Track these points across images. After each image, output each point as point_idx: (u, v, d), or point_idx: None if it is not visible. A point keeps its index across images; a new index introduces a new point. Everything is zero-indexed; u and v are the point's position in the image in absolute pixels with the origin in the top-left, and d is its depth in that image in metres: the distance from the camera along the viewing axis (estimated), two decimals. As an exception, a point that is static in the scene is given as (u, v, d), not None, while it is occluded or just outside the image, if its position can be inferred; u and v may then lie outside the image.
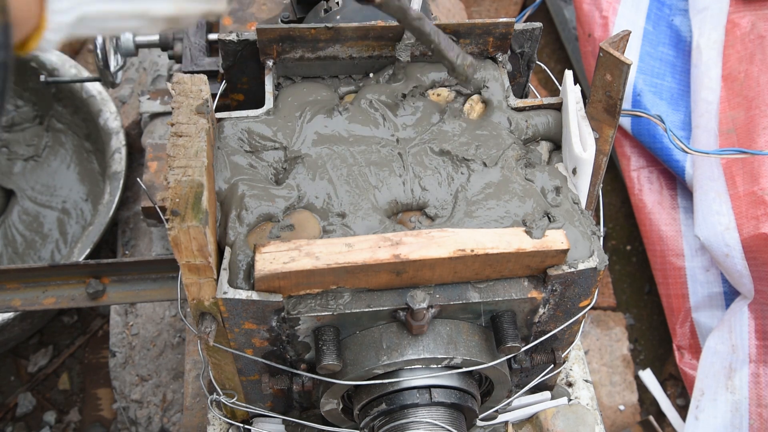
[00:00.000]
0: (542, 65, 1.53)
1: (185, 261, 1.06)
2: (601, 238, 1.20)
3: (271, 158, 1.26)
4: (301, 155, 1.24)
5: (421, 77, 1.35)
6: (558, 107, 1.33)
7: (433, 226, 1.19)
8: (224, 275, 1.11)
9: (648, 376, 2.52)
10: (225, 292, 1.09)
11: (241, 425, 1.42)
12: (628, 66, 1.14)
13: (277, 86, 1.36)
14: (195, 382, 2.02)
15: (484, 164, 1.24)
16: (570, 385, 1.57)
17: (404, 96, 1.32)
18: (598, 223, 1.23)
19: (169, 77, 2.51)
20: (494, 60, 1.39)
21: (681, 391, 2.51)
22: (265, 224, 1.17)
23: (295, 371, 1.23)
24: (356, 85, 1.38)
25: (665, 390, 2.51)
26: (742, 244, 2.10)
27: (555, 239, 1.13)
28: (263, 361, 1.21)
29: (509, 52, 1.39)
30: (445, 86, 1.36)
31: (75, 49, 3.15)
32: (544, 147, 1.33)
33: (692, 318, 2.35)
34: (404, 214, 1.23)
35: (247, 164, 1.24)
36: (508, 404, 1.42)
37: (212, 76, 1.82)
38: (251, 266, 1.10)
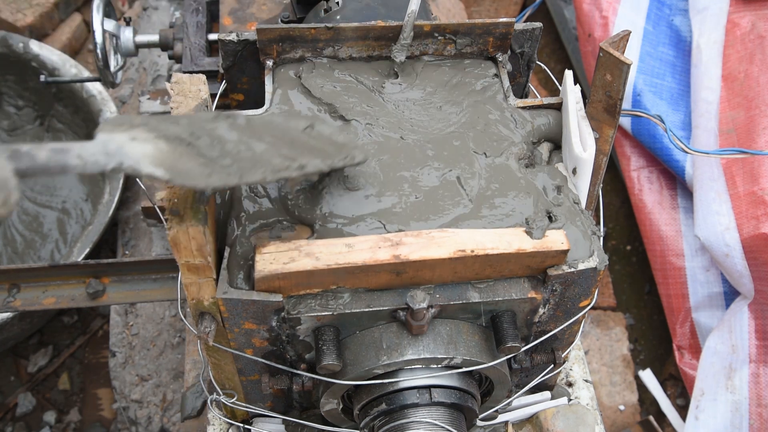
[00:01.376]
0: (542, 65, 1.53)
1: (184, 261, 1.06)
2: (601, 238, 1.20)
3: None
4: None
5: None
6: (558, 107, 1.33)
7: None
8: (224, 275, 1.11)
9: (648, 376, 2.53)
10: (225, 292, 1.09)
11: (241, 425, 1.42)
12: (628, 66, 1.14)
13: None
14: (195, 382, 2.02)
15: (491, 160, 1.24)
16: (570, 385, 1.57)
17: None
18: (598, 223, 1.23)
19: (169, 77, 2.51)
20: (494, 60, 1.39)
21: (681, 391, 2.51)
22: (265, 224, 1.17)
23: (295, 371, 1.23)
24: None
25: (665, 390, 2.51)
26: (742, 244, 2.10)
27: (555, 240, 1.13)
28: (263, 361, 1.21)
29: (509, 52, 1.39)
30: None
31: (75, 48, 3.15)
32: (544, 147, 1.33)
33: (692, 318, 2.36)
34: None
35: (247, 164, 1.24)
36: (508, 404, 1.42)
37: (212, 76, 1.82)
38: (251, 266, 1.10)
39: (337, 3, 1.51)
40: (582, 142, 1.23)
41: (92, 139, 0.86)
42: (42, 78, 2.17)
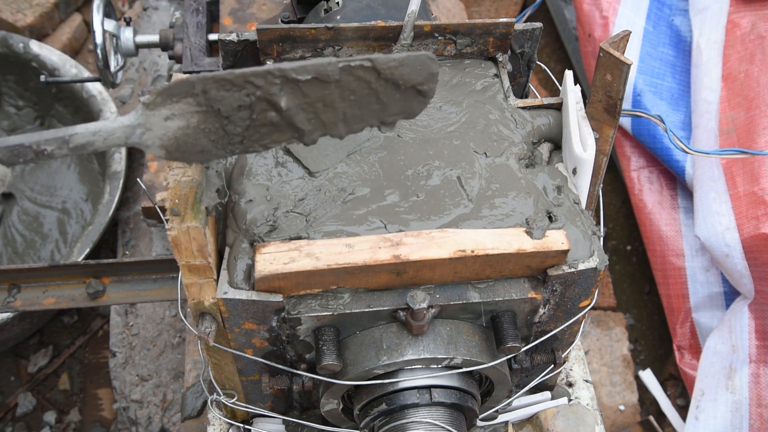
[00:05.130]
0: (542, 65, 1.53)
1: (185, 261, 1.06)
2: (601, 238, 1.20)
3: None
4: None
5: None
6: (558, 107, 1.33)
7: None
8: (224, 275, 1.11)
9: (648, 376, 2.53)
10: (225, 293, 1.09)
11: (241, 425, 1.42)
12: (628, 66, 1.14)
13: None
14: (195, 382, 2.02)
15: (491, 160, 1.24)
16: (570, 385, 1.57)
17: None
18: (598, 223, 1.23)
19: (169, 77, 2.51)
20: (494, 60, 1.39)
21: (681, 391, 2.51)
22: (265, 224, 1.17)
23: (296, 371, 1.23)
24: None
25: (665, 390, 2.51)
26: (742, 244, 2.10)
27: (555, 240, 1.13)
28: (263, 361, 1.21)
29: (509, 52, 1.39)
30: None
31: (75, 49, 3.15)
32: (544, 147, 1.33)
33: (692, 318, 2.36)
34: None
35: (247, 164, 1.23)
36: (509, 404, 1.42)
37: (212, 76, 1.81)
38: (251, 266, 1.10)
39: (338, 3, 1.51)
40: (582, 142, 1.23)
41: (134, 114, 0.97)
42: (42, 78, 2.17)
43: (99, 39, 1.92)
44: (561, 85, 1.31)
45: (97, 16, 1.92)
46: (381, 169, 1.21)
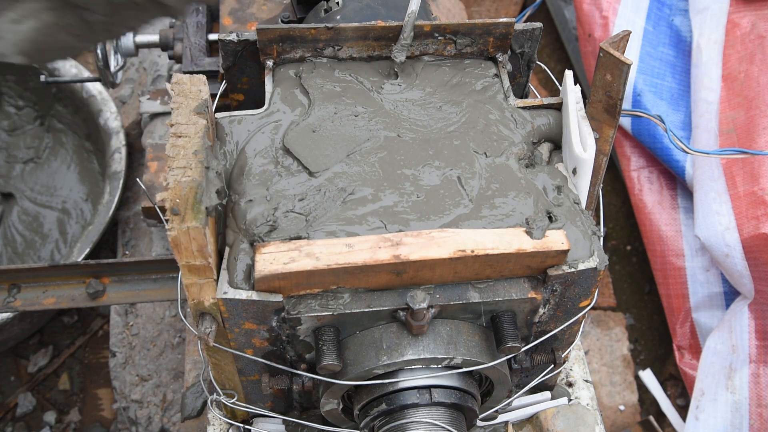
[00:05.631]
0: (542, 65, 1.53)
1: (185, 262, 1.06)
2: (601, 238, 1.20)
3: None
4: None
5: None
6: (558, 107, 1.33)
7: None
8: (224, 275, 1.11)
9: (648, 376, 2.53)
10: (225, 293, 1.09)
11: (241, 425, 1.42)
12: (628, 66, 1.14)
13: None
14: (195, 382, 2.02)
15: (491, 160, 1.24)
16: (570, 385, 1.57)
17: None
18: (598, 223, 1.23)
19: (169, 77, 2.51)
20: (494, 60, 1.39)
21: (681, 391, 2.51)
22: (265, 224, 1.17)
23: (295, 371, 1.23)
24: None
25: (665, 390, 2.51)
26: (742, 244, 2.10)
27: (555, 240, 1.13)
28: (263, 361, 1.21)
29: (509, 52, 1.39)
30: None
31: (75, 49, 3.15)
32: (544, 147, 1.33)
33: (692, 318, 2.36)
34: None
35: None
36: (508, 404, 1.42)
37: (212, 76, 1.82)
38: (251, 266, 1.10)
39: (338, 3, 1.51)
40: (582, 142, 1.23)
41: None
42: (42, 78, 2.17)
43: (99, 39, 1.92)
44: (561, 85, 1.31)
45: (97, 16, 1.91)
46: (381, 169, 1.21)
